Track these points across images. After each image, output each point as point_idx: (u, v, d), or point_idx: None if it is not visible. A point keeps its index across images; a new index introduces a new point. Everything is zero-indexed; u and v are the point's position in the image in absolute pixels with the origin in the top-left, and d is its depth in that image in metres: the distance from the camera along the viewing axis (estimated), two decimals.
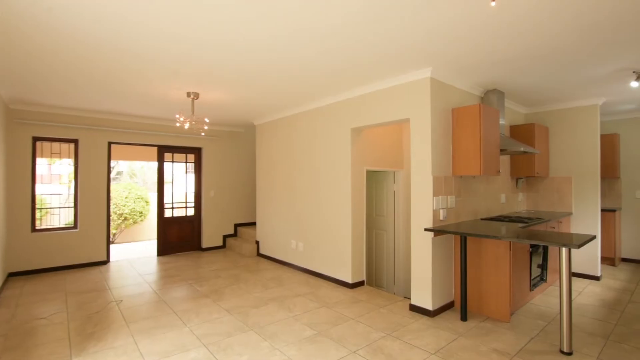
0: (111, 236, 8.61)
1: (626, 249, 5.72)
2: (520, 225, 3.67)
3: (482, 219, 4.13)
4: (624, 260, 5.71)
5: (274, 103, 5.03)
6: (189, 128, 4.42)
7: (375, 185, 5.57)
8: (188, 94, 4.30)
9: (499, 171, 3.82)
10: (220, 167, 7.16)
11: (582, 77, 3.80)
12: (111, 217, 8.33)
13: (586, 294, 4.22)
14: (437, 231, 3.41)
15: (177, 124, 4.30)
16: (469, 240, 3.64)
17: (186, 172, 6.94)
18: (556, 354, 2.78)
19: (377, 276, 5.59)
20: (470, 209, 4.10)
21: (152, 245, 7.28)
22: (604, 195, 5.80)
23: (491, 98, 4.15)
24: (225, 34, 2.68)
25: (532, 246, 3.87)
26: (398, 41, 2.81)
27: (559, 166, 5.08)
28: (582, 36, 2.71)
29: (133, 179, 13.33)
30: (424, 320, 3.45)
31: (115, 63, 3.28)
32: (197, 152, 6.94)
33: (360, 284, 4.54)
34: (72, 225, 5.62)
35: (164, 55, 3.08)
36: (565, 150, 5.01)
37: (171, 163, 6.67)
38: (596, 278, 4.72)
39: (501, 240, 3.42)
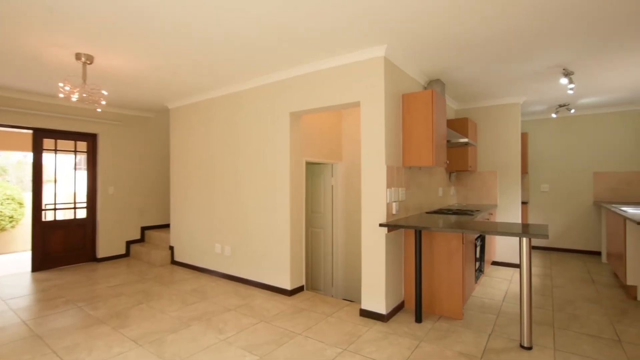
0: None
1: (533, 238, 6.29)
2: (462, 218, 3.58)
3: (427, 213, 3.97)
4: (533, 248, 6.29)
5: (195, 80, 4.19)
6: (79, 101, 3.33)
7: (312, 180, 5.12)
8: (78, 56, 3.22)
9: (447, 162, 3.69)
10: (123, 158, 5.89)
11: (514, 72, 3.88)
12: None
13: (516, 281, 4.40)
14: (393, 227, 3.08)
15: (61, 95, 3.20)
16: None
17: (75, 164, 5.53)
18: (518, 349, 2.65)
19: (314, 278, 5.14)
20: (416, 203, 3.90)
21: (27, 257, 5.64)
22: None
23: (435, 88, 4.02)
24: None
25: (476, 238, 3.83)
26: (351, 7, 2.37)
27: (485, 161, 5.28)
28: (534, 20, 2.62)
29: (3, 177, 10.60)
30: (378, 326, 3.08)
31: None
32: (91, 139, 5.58)
33: (300, 289, 4.02)
34: None
35: None
36: (490, 145, 5.23)
37: (54, 153, 5.22)
38: (518, 266, 5.00)
39: (454, 234, 3.25)
